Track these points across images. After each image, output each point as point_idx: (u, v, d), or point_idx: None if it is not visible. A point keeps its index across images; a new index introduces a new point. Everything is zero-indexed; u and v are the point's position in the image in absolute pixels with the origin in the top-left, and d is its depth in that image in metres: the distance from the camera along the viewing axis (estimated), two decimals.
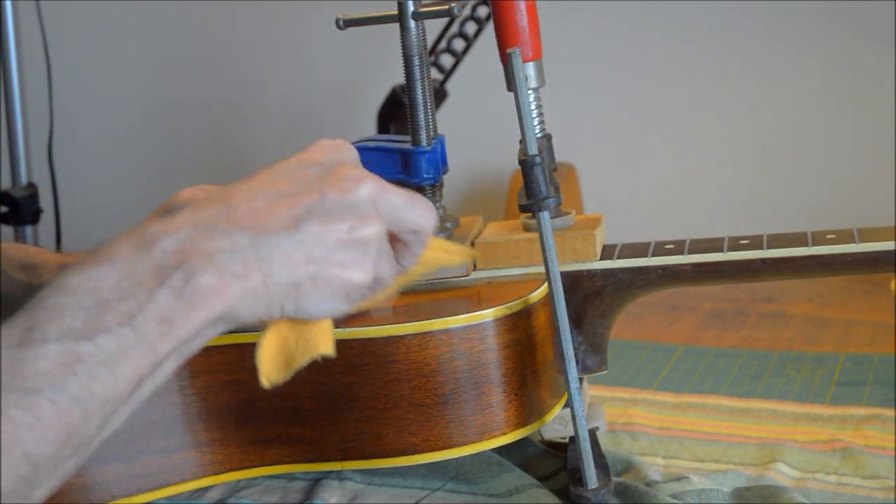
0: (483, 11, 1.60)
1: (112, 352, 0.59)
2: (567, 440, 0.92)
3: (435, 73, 1.62)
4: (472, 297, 0.88)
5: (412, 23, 0.90)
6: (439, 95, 1.63)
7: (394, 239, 0.71)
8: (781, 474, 0.90)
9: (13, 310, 0.88)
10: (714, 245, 0.89)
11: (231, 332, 0.77)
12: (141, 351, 0.60)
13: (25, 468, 0.56)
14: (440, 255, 0.84)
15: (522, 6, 0.86)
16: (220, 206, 0.65)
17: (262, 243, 0.64)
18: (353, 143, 0.93)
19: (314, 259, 0.65)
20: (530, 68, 0.88)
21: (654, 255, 0.89)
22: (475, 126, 1.75)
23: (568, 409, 0.84)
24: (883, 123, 1.59)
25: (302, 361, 0.70)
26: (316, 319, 0.68)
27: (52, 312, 0.59)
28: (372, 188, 0.68)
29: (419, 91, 0.91)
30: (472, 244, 0.92)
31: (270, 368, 0.69)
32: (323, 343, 0.70)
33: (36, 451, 0.57)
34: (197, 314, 0.61)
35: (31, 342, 0.58)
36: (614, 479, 0.86)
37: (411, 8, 0.90)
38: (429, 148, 0.91)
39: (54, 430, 0.57)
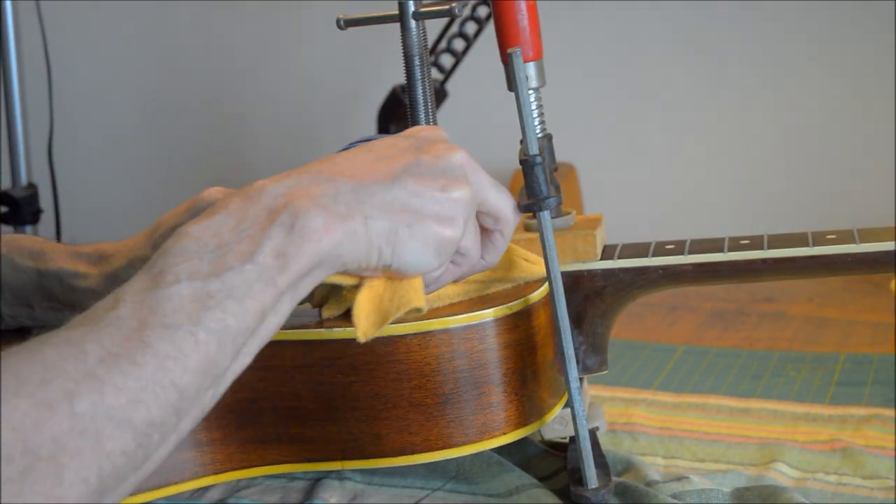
0: (483, 11, 1.60)
1: (238, 287, 0.64)
2: (567, 440, 0.92)
3: (435, 73, 1.62)
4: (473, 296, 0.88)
5: (412, 23, 0.90)
6: (439, 95, 1.63)
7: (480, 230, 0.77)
8: (781, 474, 0.90)
9: (21, 295, 0.89)
10: (714, 245, 0.89)
11: None
12: (262, 285, 0.65)
13: (174, 397, 0.60)
14: (520, 262, 0.86)
15: (523, 6, 0.86)
16: (322, 163, 0.72)
17: (361, 190, 0.70)
18: (353, 143, 0.93)
19: (409, 209, 0.71)
20: (531, 68, 0.88)
21: (654, 255, 0.89)
22: (475, 126, 1.75)
23: (568, 409, 0.84)
24: (883, 123, 1.59)
25: (396, 314, 0.73)
26: (409, 270, 0.72)
27: (178, 257, 0.64)
28: (464, 157, 0.75)
29: (419, 91, 0.91)
30: None
31: (367, 324, 0.73)
32: (416, 297, 0.73)
33: (181, 381, 0.61)
34: (308, 248, 0.66)
35: (164, 283, 0.63)
36: (614, 479, 0.86)
37: (411, 8, 0.90)
38: None
39: (195, 361, 0.61)
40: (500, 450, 0.89)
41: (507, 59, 0.85)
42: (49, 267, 0.88)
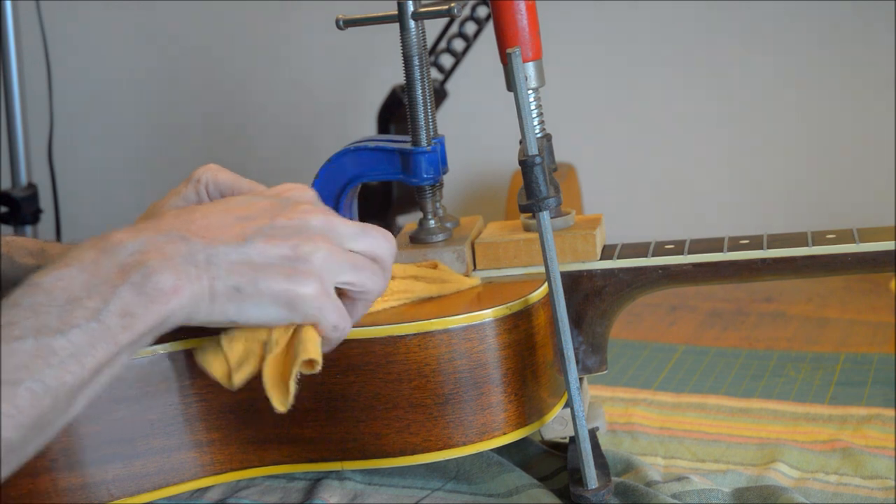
0: (483, 11, 1.60)
1: (82, 345, 0.65)
2: (567, 440, 0.92)
3: (435, 73, 1.62)
4: (472, 297, 0.88)
5: (412, 23, 0.90)
6: (439, 95, 1.63)
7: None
8: (781, 474, 0.90)
9: None
10: (714, 245, 0.89)
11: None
12: (105, 343, 0.66)
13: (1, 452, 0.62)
14: (453, 276, 0.89)
15: (522, 6, 0.86)
16: (179, 219, 0.73)
17: (212, 251, 0.71)
18: (352, 144, 0.94)
19: (256, 267, 0.72)
20: (530, 68, 0.88)
21: (654, 255, 0.89)
22: (475, 126, 1.75)
23: (568, 409, 0.84)
24: (883, 123, 1.59)
25: (293, 371, 0.74)
26: (258, 324, 0.73)
27: (28, 310, 0.65)
28: (321, 219, 0.75)
29: (419, 91, 0.91)
30: (472, 244, 0.92)
31: (278, 393, 0.75)
32: (311, 349, 0.74)
33: (13, 436, 0.62)
34: (154, 309, 0.68)
35: (11, 337, 0.64)
36: (614, 479, 0.86)
37: (411, 8, 0.90)
38: (429, 148, 0.91)
39: (29, 417, 0.63)
40: (500, 450, 0.89)
41: (506, 59, 0.85)
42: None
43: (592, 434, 0.90)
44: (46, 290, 0.66)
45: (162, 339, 0.84)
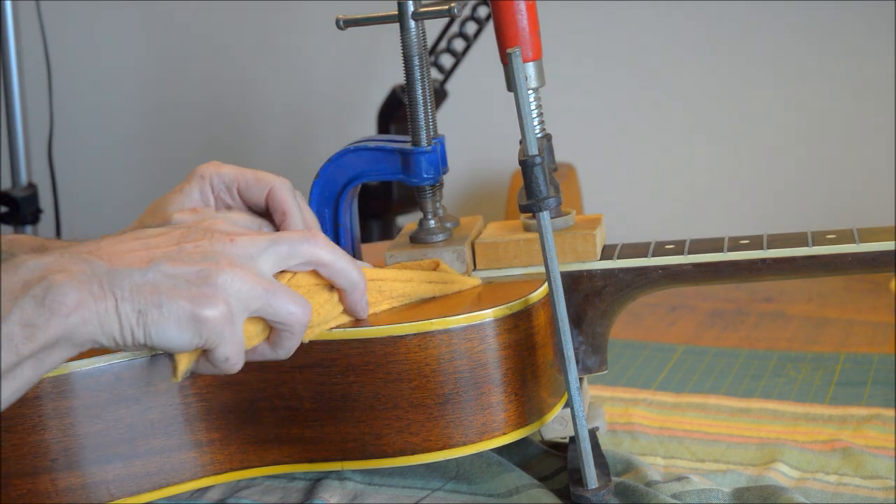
0: (483, 11, 1.60)
1: None
2: (567, 440, 0.92)
3: (435, 73, 1.62)
4: (472, 297, 0.88)
5: (412, 23, 0.90)
6: (439, 95, 1.63)
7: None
8: (781, 474, 0.90)
9: None
10: (714, 245, 0.89)
11: None
12: (5, 351, 0.67)
13: None
14: (454, 276, 0.89)
15: (522, 6, 0.86)
16: (86, 246, 0.74)
17: (115, 273, 0.71)
18: (352, 144, 0.94)
19: (160, 290, 0.72)
20: (530, 68, 0.88)
21: (654, 255, 0.89)
22: (475, 126, 1.75)
23: (568, 409, 0.84)
24: (883, 123, 1.59)
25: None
26: (167, 347, 0.73)
27: None
28: (225, 244, 0.75)
29: (419, 91, 0.91)
30: (472, 244, 0.92)
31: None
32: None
33: None
34: (55, 321, 0.68)
35: None
36: (614, 479, 0.86)
37: (411, 8, 0.90)
38: (429, 148, 0.91)
39: None
40: (500, 450, 0.89)
41: (506, 59, 0.85)
42: None
43: (592, 434, 0.90)
44: None
45: None
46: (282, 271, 0.79)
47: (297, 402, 0.84)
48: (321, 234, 0.80)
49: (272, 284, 0.76)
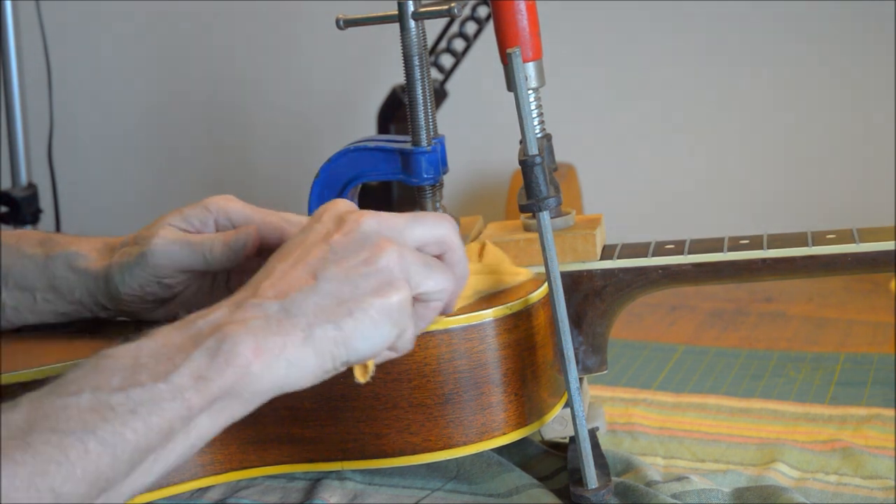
0: (483, 11, 1.60)
1: (144, 401, 0.62)
2: (567, 440, 0.92)
3: (435, 73, 1.62)
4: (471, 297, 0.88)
5: (412, 23, 0.90)
6: (439, 95, 1.63)
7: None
8: (781, 474, 0.90)
9: (25, 284, 0.90)
10: (714, 245, 0.89)
11: None
12: (173, 403, 0.63)
13: (48, 500, 0.59)
14: (506, 273, 0.87)
15: (522, 6, 0.86)
16: (245, 289, 0.70)
17: (289, 304, 0.67)
18: (352, 144, 0.94)
19: (344, 299, 0.68)
20: (530, 68, 0.88)
21: (654, 255, 0.89)
22: (475, 126, 1.75)
23: (568, 409, 0.84)
24: (883, 123, 1.59)
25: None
26: (370, 353, 0.69)
27: (89, 370, 0.63)
28: (371, 220, 0.71)
29: (419, 91, 0.91)
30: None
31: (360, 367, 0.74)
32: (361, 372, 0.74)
33: (62, 488, 0.59)
34: (231, 371, 0.64)
35: (66, 392, 0.62)
36: (614, 479, 0.86)
37: (411, 8, 0.90)
38: (429, 148, 0.91)
39: (81, 470, 0.60)
40: (500, 450, 0.89)
41: (506, 59, 0.85)
42: (57, 251, 0.90)
43: (592, 434, 0.90)
44: (113, 357, 0.64)
45: None
46: None
47: (297, 402, 0.84)
48: (445, 216, 0.76)
49: (425, 257, 0.73)
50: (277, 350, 0.66)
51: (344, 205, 0.75)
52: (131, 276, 0.87)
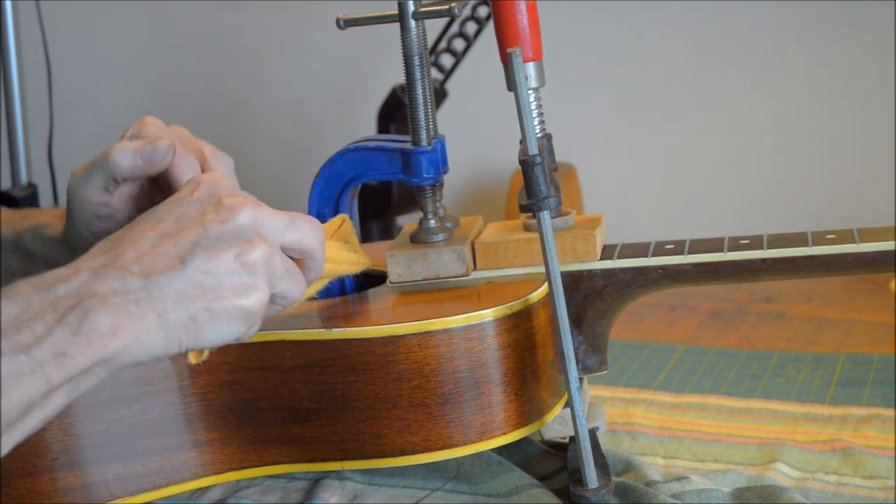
0: (483, 11, 1.60)
1: (6, 374, 0.61)
2: (567, 440, 0.92)
3: (435, 73, 1.62)
4: (472, 296, 0.88)
5: (412, 23, 0.90)
6: (439, 95, 1.63)
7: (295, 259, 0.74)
8: (781, 474, 0.90)
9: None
10: (714, 245, 0.89)
11: None
12: (34, 378, 0.62)
13: None
14: (330, 266, 0.86)
15: (522, 6, 0.86)
16: (108, 254, 0.68)
17: (151, 285, 0.67)
18: (352, 144, 0.94)
19: (206, 290, 0.68)
20: (530, 68, 0.88)
21: (654, 255, 0.89)
22: (475, 126, 1.75)
23: (568, 409, 0.84)
24: (883, 123, 1.59)
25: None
26: (214, 345, 0.70)
27: None
28: (250, 213, 0.71)
29: (419, 91, 0.91)
30: (472, 244, 0.92)
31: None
32: None
33: None
34: (92, 350, 0.64)
35: None
36: (614, 479, 0.86)
37: (411, 8, 0.90)
38: (429, 148, 0.91)
39: None
40: (500, 450, 0.89)
41: (506, 59, 0.85)
42: (25, 225, 0.91)
43: (592, 434, 0.90)
44: None
45: None
46: None
47: (297, 402, 0.84)
48: (316, 221, 0.76)
49: (289, 264, 0.72)
50: (134, 330, 0.65)
51: (222, 183, 0.74)
52: (73, 228, 0.86)
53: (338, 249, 0.89)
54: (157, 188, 0.85)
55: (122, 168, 0.83)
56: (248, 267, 0.69)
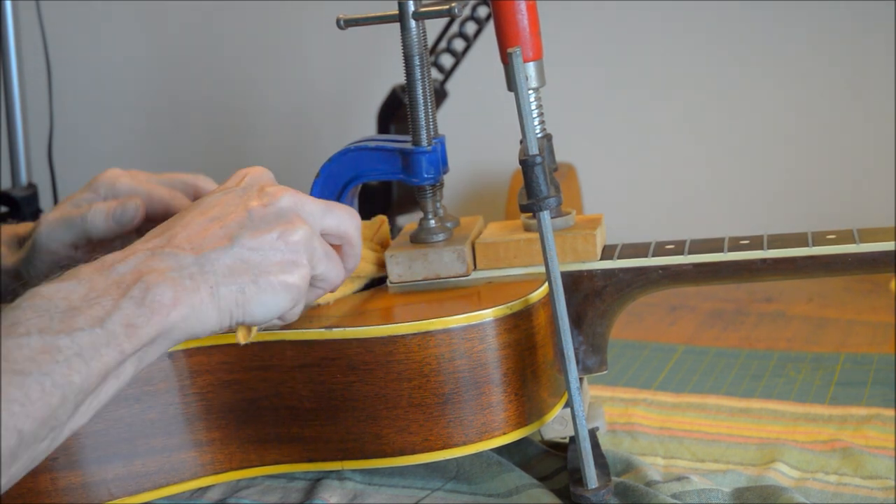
0: (483, 11, 1.60)
1: (87, 346, 0.67)
2: (567, 440, 0.92)
3: (435, 73, 1.62)
4: (472, 296, 0.88)
5: (412, 23, 0.90)
6: (439, 95, 1.63)
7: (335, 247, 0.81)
8: (781, 474, 0.90)
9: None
10: (714, 245, 0.89)
11: (229, 331, 0.78)
12: (110, 349, 0.68)
13: (13, 441, 0.64)
14: (366, 266, 0.92)
15: (523, 6, 0.86)
16: (161, 237, 0.75)
17: (203, 261, 0.73)
18: (352, 144, 0.94)
19: (252, 266, 0.74)
20: (531, 68, 0.88)
21: (654, 256, 0.89)
22: (475, 126, 1.75)
23: (568, 409, 0.84)
24: (883, 123, 1.59)
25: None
26: (262, 319, 0.75)
27: (29, 312, 0.67)
28: (291, 198, 0.78)
29: (419, 91, 0.91)
30: (473, 244, 0.92)
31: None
32: None
33: (24, 426, 0.64)
34: (156, 320, 0.70)
35: (16, 333, 0.65)
36: (614, 479, 0.87)
37: (411, 8, 0.90)
38: (429, 148, 0.91)
39: (39, 410, 0.64)
40: (500, 450, 0.89)
41: (507, 59, 0.85)
42: None
43: (592, 434, 0.90)
44: (47, 298, 0.68)
45: None
46: None
47: (297, 401, 0.84)
48: (353, 211, 0.82)
49: (328, 247, 0.79)
50: (190, 302, 0.71)
51: (266, 175, 0.82)
52: (33, 267, 0.91)
53: (375, 251, 0.93)
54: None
55: (98, 230, 0.91)
56: (291, 245, 0.75)
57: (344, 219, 0.80)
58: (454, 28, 1.62)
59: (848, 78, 1.61)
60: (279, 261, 0.75)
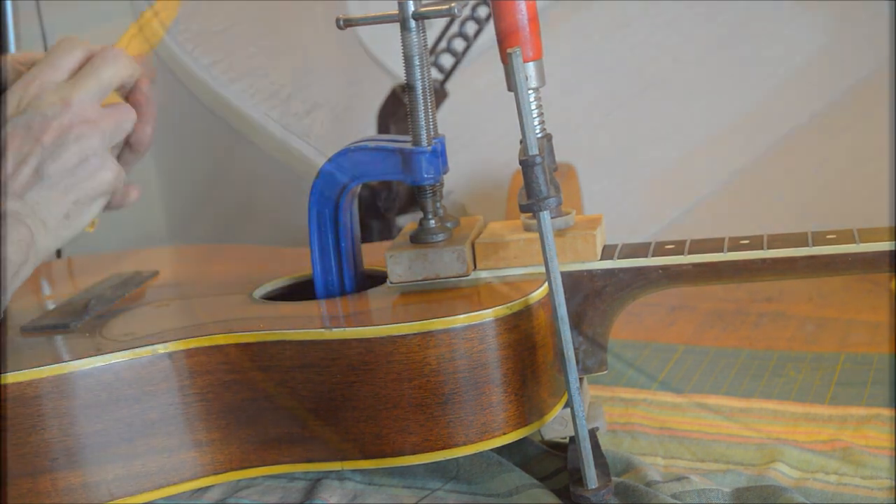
0: (483, 11, 1.60)
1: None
2: (567, 440, 0.92)
3: (435, 73, 1.62)
4: (472, 296, 0.88)
5: (413, 23, 0.90)
6: (439, 95, 1.63)
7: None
8: (781, 474, 0.90)
9: None
10: (714, 245, 0.89)
11: (230, 332, 0.78)
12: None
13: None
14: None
15: (522, 6, 0.86)
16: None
17: (29, 204, 0.80)
18: (352, 144, 0.94)
19: (67, 188, 0.81)
20: (530, 68, 0.88)
21: (654, 256, 0.89)
22: (475, 126, 1.75)
23: (568, 409, 0.84)
24: (883, 123, 1.59)
25: None
26: (90, 220, 0.84)
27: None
28: (66, 110, 0.82)
29: (419, 91, 0.91)
30: (473, 244, 0.92)
31: None
32: None
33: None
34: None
35: None
36: (614, 479, 0.86)
37: (411, 8, 0.90)
38: (429, 148, 0.91)
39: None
40: (500, 450, 0.89)
41: (506, 59, 0.85)
42: None
43: (592, 434, 0.90)
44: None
45: (162, 339, 0.84)
46: None
47: (297, 402, 0.84)
48: (113, 51, 0.87)
49: (114, 114, 0.85)
50: (40, 239, 0.80)
51: (37, 86, 0.83)
52: None
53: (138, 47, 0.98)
54: None
55: None
56: (89, 157, 0.82)
57: (117, 71, 0.85)
58: (454, 28, 1.62)
59: (848, 78, 1.61)
60: (89, 173, 0.82)
